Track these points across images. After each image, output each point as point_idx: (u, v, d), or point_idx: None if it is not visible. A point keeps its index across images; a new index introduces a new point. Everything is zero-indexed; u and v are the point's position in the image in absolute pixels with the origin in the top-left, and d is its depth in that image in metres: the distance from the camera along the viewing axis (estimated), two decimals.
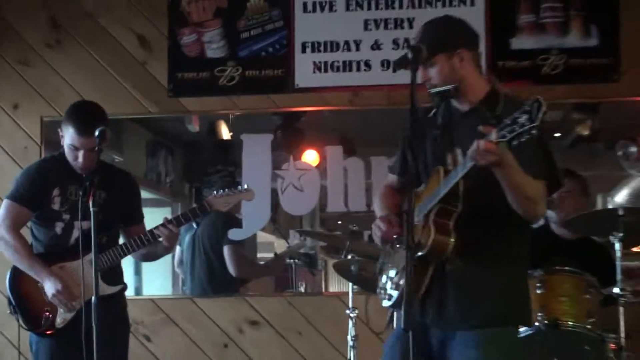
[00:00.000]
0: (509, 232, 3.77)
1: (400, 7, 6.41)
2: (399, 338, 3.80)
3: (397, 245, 3.87)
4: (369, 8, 6.40)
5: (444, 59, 3.78)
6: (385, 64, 6.37)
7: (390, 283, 3.86)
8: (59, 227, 4.78)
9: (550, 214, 5.73)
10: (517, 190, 3.59)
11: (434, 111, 3.94)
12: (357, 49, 6.35)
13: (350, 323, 5.40)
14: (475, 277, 3.72)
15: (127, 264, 5.13)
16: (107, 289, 4.70)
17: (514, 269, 3.81)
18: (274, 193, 6.59)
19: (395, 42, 6.41)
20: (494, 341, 3.66)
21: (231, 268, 6.65)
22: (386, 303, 3.89)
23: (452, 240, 3.61)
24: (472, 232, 3.65)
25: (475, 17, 6.29)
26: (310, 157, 6.75)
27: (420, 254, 3.61)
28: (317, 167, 6.65)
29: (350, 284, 5.65)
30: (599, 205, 6.50)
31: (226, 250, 6.65)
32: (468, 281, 3.71)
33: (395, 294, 3.82)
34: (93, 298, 4.17)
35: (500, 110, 3.68)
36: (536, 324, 4.63)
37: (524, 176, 3.57)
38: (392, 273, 3.88)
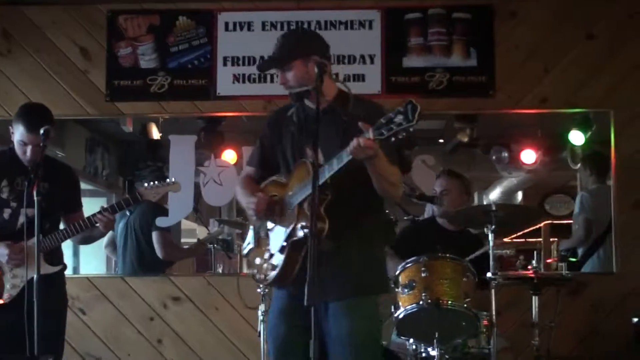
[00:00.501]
0: (369, 217, 3.87)
1: (309, 28, 6.32)
2: (281, 313, 3.85)
3: (269, 228, 3.87)
4: (282, 28, 6.35)
5: (299, 64, 3.81)
6: None
7: (266, 264, 3.84)
8: (6, 213, 4.66)
9: (435, 208, 5.78)
10: (385, 178, 3.70)
11: (291, 110, 3.96)
12: None
13: (261, 299, 5.32)
14: (344, 255, 3.77)
15: (67, 247, 5.03)
16: (49, 269, 4.61)
17: (375, 248, 3.92)
18: (197, 186, 6.52)
19: None
20: (359, 308, 3.79)
21: (159, 251, 6.59)
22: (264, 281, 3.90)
23: (326, 225, 3.61)
24: (341, 217, 3.67)
25: (372, 39, 6.39)
26: (229, 156, 6.76)
27: (298, 237, 3.69)
28: (235, 164, 6.64)
29: None
30: (477, 202, 6.57)
31: (154, 236, 6.59)
32: (337, 259, 3.74)
33: (272, 274, 3.81)
34: (35, 276, 4.11)
35: (350, 108, 3.75)
36: (421, 302, 4.62)
37: (389, 165, 3.68)
38: (266, 255, 3.88)
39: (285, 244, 3.78)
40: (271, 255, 3.86)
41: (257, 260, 3.95)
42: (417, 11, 6.44)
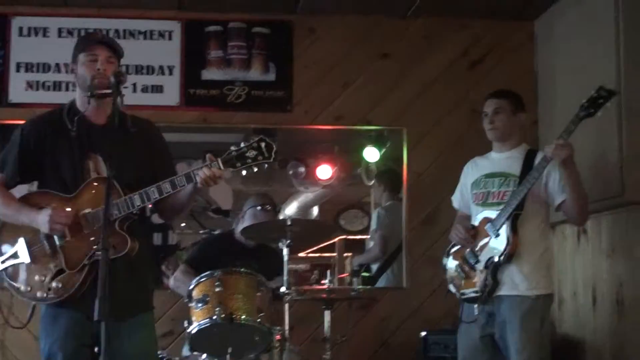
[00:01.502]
0: (151, 236, 4.06)
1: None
2: (68, 332, 3.72)
3: (60, 245, 3.73)
4: (79, 35, 6.19)
5: None
6: None
7: (55, 282, 3.72)
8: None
9: (237, 225, 5.79)
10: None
11: (62, 117, 3.86)
12: (67, 71, 6.09)
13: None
14: (137, 272, 3.82)
15: None
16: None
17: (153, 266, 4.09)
18: None
19: None
20: (150, 323, 3.92)
21: None
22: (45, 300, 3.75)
23: (137, 244, 3.73)
24: (140, 236, 3.80)
25: (171, 50, 6.37)
26: None
27: (117, 256, 3.65)
28: None
29: None
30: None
31: None
32: (130, 276, 3.77)
33: (68, 290, 3.70)
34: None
35: (129, 123, 3.74)
36: (214, 317, 4.63)
37: None
38: (48, 272, 3.74)
39: (87, 262, 3.70)
40: (60, 272, 3.73)
41: (36, 277, 3.74)
42: (217, 24, 6.45)
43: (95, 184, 3.77)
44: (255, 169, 3.67)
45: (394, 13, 6.51)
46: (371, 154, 6.98)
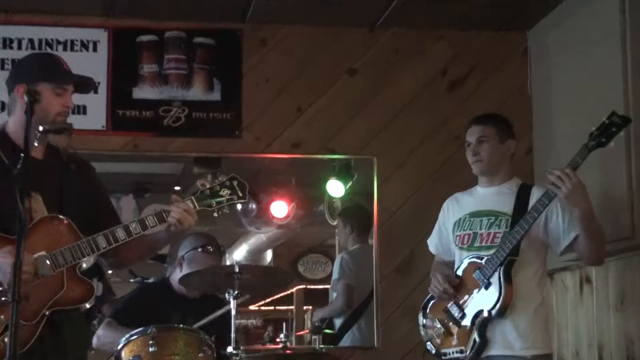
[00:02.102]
0: None
1: (20, 48, 6.26)
2: None
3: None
4: None
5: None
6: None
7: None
8: None
9: (174, 272, 5.77)
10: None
11: None
12: None
13: None
14: (74, 328, 3.89)
15: None
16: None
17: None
18: None
19: None
20: None
21: None
22: None
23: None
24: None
25: (97, 63, 6.33)
26: None
27: (82, 306, 3.84)
28: None
29: None
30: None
31: None
32: (71, 333, 3.87)
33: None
34: None
35: (71, 159, 3.97)
36: None
37: None
38: None
39: (47, 313, 3.73)
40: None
41: None
42: (152, 33, 6.46)
43: (47, 223, 3.82)
44: (227, 211, 4.04)
45: (361, 23, 6.53)
46: (335, 188, 7.01)
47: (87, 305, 3.85)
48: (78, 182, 4.00)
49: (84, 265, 3.89)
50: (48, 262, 3.75)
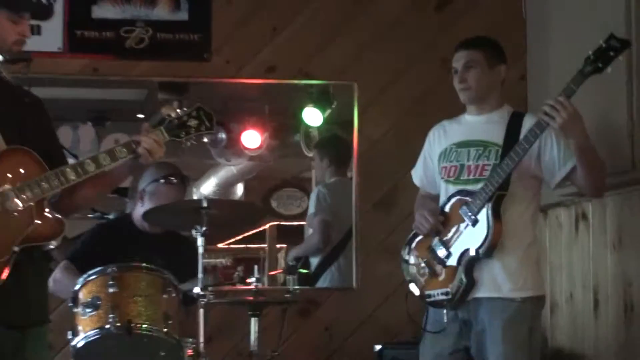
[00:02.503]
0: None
1: None
2: None
3: None
4: None
5: None
6: None
7: None
8: None
9: (135, 207, 5.77)
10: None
11: None
12: None
13: None
14: (32, 283, 3.92)
15: None
16: None
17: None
18: None
19: None
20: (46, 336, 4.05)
21: None
22: None
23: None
24: None
25: None
26: None
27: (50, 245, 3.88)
28: None
29: None
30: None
31: None
32: (40, 277, 4.00)
33: None
34: None
35: (24, 93, 4.01)
36: (107, 326, 4.58)
37: None
38: None
39: (17, 249, 3.75)
40: None
41: None
42: None
43: (10, 156, 3.82)
44: (195, 142, 4.13)
45: None
46: (312, 117, 7.01)
47: (55, 244, 3.88)
48: (33, 116, 4.02)
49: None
50: (14, 196, 3.76)
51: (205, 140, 4.22)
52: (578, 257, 5.73)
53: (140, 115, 6.87)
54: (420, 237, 4.90)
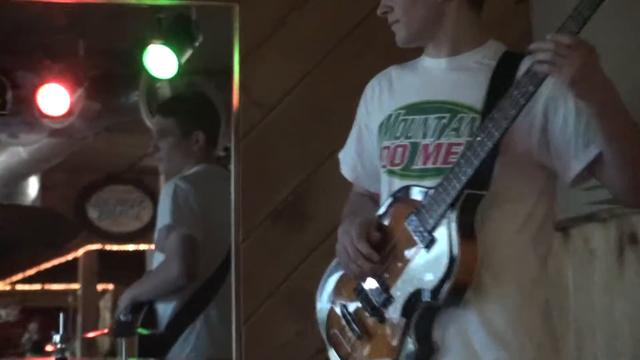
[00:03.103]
0: None
1: None
2: None
3: None
4: None
5: None
6: None
7: None
8: None
9: None
10: None
11: None
12: None
13: None
14: None
15: None
16: None
17: None
18: None
19: None
20: None
21: None
22: None
23: None
24: None
25: None
26: None
27: None
28: None
29: None
30: None
31: None
32: None
33: None
34: None
35: None
36: None
37: None
38: None
39: None
40: None
41: None
42: None
43: None
44: None
45: None
46: (161, 62, 6.70)
47: None
48: None
49: None
50: None
51: None
52: (625, 305, 5.20)
53: None
54: (343, 273, 4.17)
